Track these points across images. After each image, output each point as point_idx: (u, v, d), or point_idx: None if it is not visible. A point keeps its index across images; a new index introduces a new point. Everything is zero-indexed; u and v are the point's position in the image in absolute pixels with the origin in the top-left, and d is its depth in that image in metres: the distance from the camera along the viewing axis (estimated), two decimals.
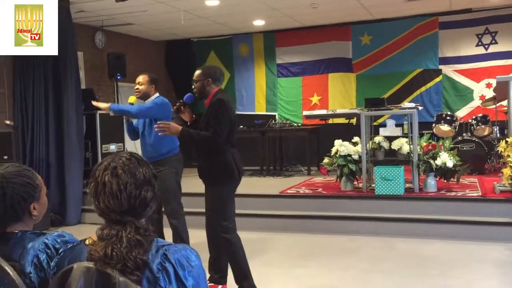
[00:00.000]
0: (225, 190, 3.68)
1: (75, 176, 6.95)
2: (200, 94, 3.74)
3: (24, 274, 1.50)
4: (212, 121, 3.55)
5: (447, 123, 7.56)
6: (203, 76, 3.71)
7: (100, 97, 8.41)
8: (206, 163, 3.69)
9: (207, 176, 3.71)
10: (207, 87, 3.71)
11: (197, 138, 3.61)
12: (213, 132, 3.53)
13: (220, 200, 3.66)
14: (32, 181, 1.64)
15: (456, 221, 5.37)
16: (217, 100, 3.63)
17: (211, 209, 3.71)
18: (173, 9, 7.49)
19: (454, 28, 8.70)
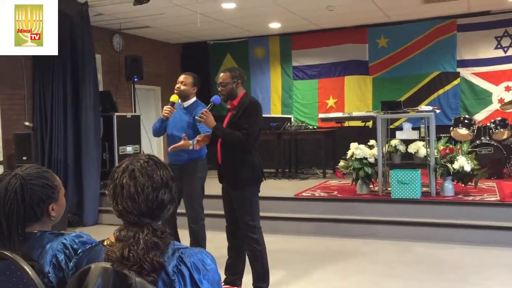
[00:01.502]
0: (252, 192, 3.71)
1: (93, 177, 7.03)
2: (228, 96, 3.72)
3: (43, 274, 1.52)
4: (246, 123, 3.55)
5: (465, 127, 7.46)
6: (232, 78, 3.69)
7: (117, 99, 8.51)
8: (233, 165, 3.68)
9: (233, 178, 3.69)
10: (236, 89, 3.71)
11: (229, 136, 3.59)
12: (246, 134, 3.54)
13: (249, 201, 3.68)
14: (51, 183, 1.67)
15: (474, 225, 5.30)
16: (252, 103, 3.65)
17: (239, 211, 3.71)
18: (190, 12, 7.54)
19: (473, 31, 8.60)
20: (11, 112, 6.93)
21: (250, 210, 3.68)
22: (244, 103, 3.63)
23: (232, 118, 3.66)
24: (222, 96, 3.75)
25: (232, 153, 3.67)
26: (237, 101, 3.69)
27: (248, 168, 3.67)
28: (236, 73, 3.74)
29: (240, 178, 3.66)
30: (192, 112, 4.30)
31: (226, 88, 3.70)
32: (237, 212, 3.73)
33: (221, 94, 3.75)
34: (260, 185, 3.82)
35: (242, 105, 3.63)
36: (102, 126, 7.40)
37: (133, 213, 1.44)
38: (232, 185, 3.72)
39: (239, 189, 3.69)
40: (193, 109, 4.31)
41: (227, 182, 3.77)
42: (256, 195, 3.76)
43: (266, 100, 10.21)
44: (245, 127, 3.55)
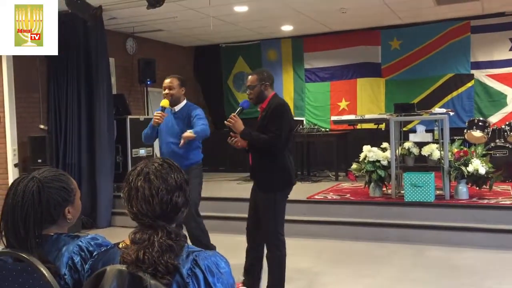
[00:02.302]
0: (279, 196, 3.66)
1: (106, 179, 7.08)
2: (257, 99, 3.69)
3: (59, 276, 1.54)
4: (273, 125, 3.53)
5: (480, 129, 7.39)
6: (260, 81, 3.66)
7: (130, 102, 8.57)
8: (263, 168, 3.66)
9: (262, 181, 3.67)
10: (264, 92, 3.68)
11: (257, 140, 3.58)
12: (272, 137, 3.51)
13: (273, 206, 3.63)
14: (67, 186, 1.69)
15: (489, 229, 5.25)
16: (279, 105, 3.62)
17: (263, 215, 3.67)
18: (202, 15, 7.57)
19: (487, 32, 8.52)
20: (26, 115, 7.01)
21: (274, 215, 3.63)
22: (271, 105, 3.60)
23: (261, 121, 3.64)
24: (251, 99, 3.72)
25: (262, 157, 3.64)
26: (266, 104, 3.66)
27: (278, 171, 3.63)
28: (263, 75, 3.70)
29: (268, 181, 3.63)
30: (185, 116, 4.24)
31: (254, 91, 3.67)
32: (261, 216, 3.68)
33: (249, 98, 3.72)
34: (290, 189, 3.77)
35: (269, 107, 3.61)
36: (115, 129, 7.46)
37: (148, 215, 1.45)
38: (260, 187, 3.69)
39: (266, 192, 3.64)
40: (185, 113, 4.26)
41: (256, 184, 3.75)
42: (283, 200, 3.70)
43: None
44: (272, 129, 3.52)
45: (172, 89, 4.26)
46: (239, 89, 10.61)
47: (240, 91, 10.60)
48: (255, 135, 3.58)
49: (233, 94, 10.69)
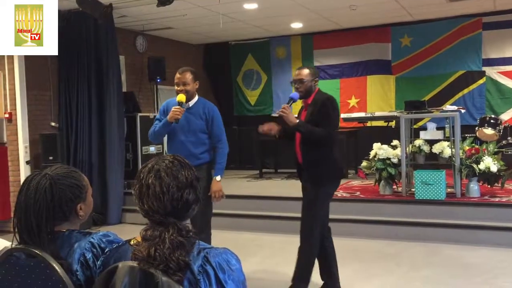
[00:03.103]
0: (330, 189, 3.70)
1: (117, 177, 7.13)
2: (306, 93, 3.70)
3: (71, 272, 1.55)
4: (326, 118, 3.55)
5: (491, 127, 7.31)
6: (312, 76, 3.70)
7: (140, 100, 8.61)
8: (315, 163, 3.64)
9: (314, 175, 3.65)
10: (313, 87, 3.71)
11: (311, 132, 3.55)
12: (327, 130, 3.53)
13: (317, 201, 3.65)
14: (79, 183, 1.70)
15: (501, 227, 5.21)
16: (329, 99, 3.64)
17: (306, 206, 3.66)
18: (212, 13, 7.57)
19: (499, 29, 8.42)
20: (37, 112, 7.07)
21: (314, 210, 3.64)
22: (320, 100, 3.62)
23: (310, 115, 3.62)
24: (300, 93, 3.70)
25: (313, 151, 3.63)
26: (311, 99, 3.68)
27: (329, 165, 3.65)
28: (314, 71, 3.76)
29: (320, 175, 3.63)
30: (201, 113, 3.96)
31: (305, 85, 3.67)
32: (302, 205, 3.68)
33: (299, 91, 3.70)
34: (339, 182, 3.79)
35: (318, 102, 3.61)
36: (125, 127, 7.50)
37: (159, 212, 1.46)
38: (312, 182, 3.66)
39: (318, 187, 3.63)
40: (200, 109, 3.97)
41: (307, 180, 3.71)
42: (330, 195, 3.73)
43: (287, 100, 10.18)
44: (325, 122, 3.53)
45: (187, 84, 3.91)
46: (249, 87, 10.61)
47: (250, 89, 10.60)
48: (311, 127, 3.55)
49: (243, 91, 10.69)
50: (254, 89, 10.55)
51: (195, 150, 3.93)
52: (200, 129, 3.94)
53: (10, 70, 6.71)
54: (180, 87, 3.90)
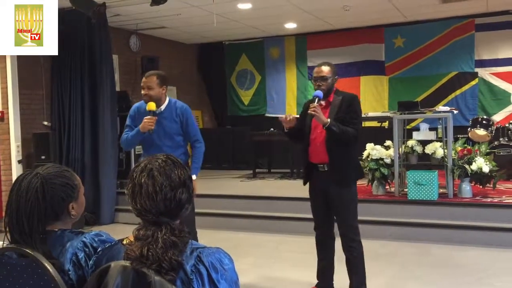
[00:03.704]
0: (355, 191, 3.63)
1: (109, 176, 7.10)
2: (328, 90, 3.58)
3: (63, 272, 1.54)
4: (354, 117, 3.49)
5: (483, 127, 7.36)
6: (334, 73, 3.62)
7: (134, 99, 8.57)
8: (342, 163, 3.53)
9: (341, 176, 3.54)
10: (334, 83, 3.64)
11: (343, 132, 3.43)
12: (358, 129, 3.49)
13: (354, 200, 3.60)
14: (71, 182, 1.69)
15: (492, 228, 5.24)
16: (356, 97, 3.60)
17: (343, 211, 3.59)
18: (206, 12, 7.57)
19: (491, 30, 8.49)
20: (30, 111, 7.03)
21: (353, 209, 3.59)
22: (345, 98, 3.55)
23: (334, 114, 3.50)
24: (322, 90, 3.56)
25: (341, 151, 3.52)
26: (332, 97, 3.59)
27: (355, 165, 3.64)
28: (335, 68, 3.65)
29: (347, 176, 3.56)
30: (174, 115, 3.85)
31: (328, 82, 3.55)
32: (339, 212, 3.60)
33: (321, 89, 3.56)
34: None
35: (342, 100, 3.53)
36: (118, 126, 7.47)
37: (152, 212, 1.45)
38: (340, 183, 3.54)
39: (345, 187, 3.55)
40: (173, 112, 3.86)
41: (332, 181, 3.54)
42: (357, 194, 3.67)
43: (281, 100, 10.22)
44: (354, 122, 3.47)
45: (151, 89, 3.73)
46: (242, 87, 10.62)
47: (243, 89, 10.61)
48: (342, 126, 3.44)
49: (236, 91, 10.69)
50: (247, 89, 10.56)
51: (175, 152, 3.78)
52: (175, 132, 3.87)
53: (3, 68, 6.67)
54: (145, 91, 3.76)
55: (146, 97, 3.75)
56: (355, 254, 3.60)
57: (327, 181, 3.58)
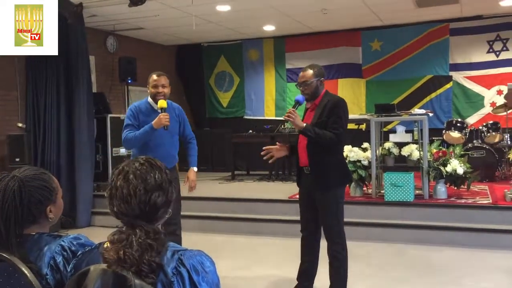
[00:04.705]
0: (340, 194, 3.61)
1: (86, 178, 7.01)
2: (312, 95, 3.59)
3: (41, 276, 1.52)
4: (336, 121, 3.46)
5: (458, 130, 7.51)
6: (317, 76, 3.58)
7: (111, 100, 8.48)
8: (323, 167, 3.54)
9: (322, 180, 3.54)
10: (319, 87, 3.61)
11: (322, 136, 3.44)
12: (338, 133, 3.45)
13: (335, 204, 3.57)
14: (49, 184, 1.67)
15: (467, 228, 5.34)
16: (340, 101, 3.56)
17: (325, 215, 3.59)
18: (185, 14, 7.54)
19: (465, 35, 8.68)
20: (4, 113, 6.90)
21: (336, 214, 3.57)
22: (330, 102, 3.52)
23: (317, 117, 3.53)
24: (306, 95, 3.60)
25: (322, 154, 3.53)
26: (319, 100, 3.59)
27: (338, 169, 3.59)
28: (318, 71, 3.62)
29: (329, 180, 3.54)
30: (173, 115, 4.00)
31: (310, 86, 3.56)
32: (322, 215, 3.61)
33: (305, 94, 3.60)
34: (345, 187, 3.74)
35: (326, 104, 3.52)
36: (95, 128, 7.38)
37: (128, 215, 1.45)
38: (321, 187, 3.56)
39: (327, 190, 3.55)
40: (172, 111, 4.03)
41: (314, 184, 3.58)
42: (343, 198, 3.64)
43: (260, 102, 10.24)
44: (334, 126, 3.44)
45: (165, 87, 3.97)
46: (221, 89, 10.61)
47: (222, 91, 10.59)
48: (318, 130, 3.44)
49: (215, 93, 10.67)
50: (226, 91, 10.55)
51: (173, 151, 4.06)
52: (175, 131, 4.08)
53: None
54: (160, 89, 3.91)
55: (161, 95, 3.90)
56: (338, 257, 3.62)
57: (311, 184, 3.62)
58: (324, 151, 3.52)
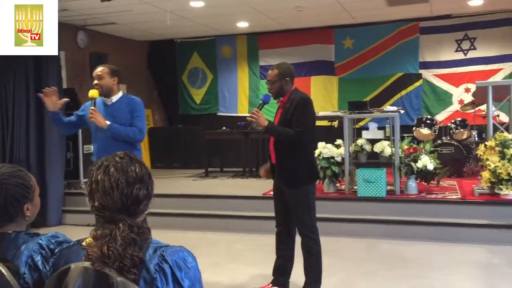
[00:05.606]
0: (309, 190, 3.65)
1: (56, 177, 6.87)
2: (277, 94, 3.65)
3: (18, 275, 1.50)
4: (298, 119, 3.50)
5: (427, 127, 7.68)
6: (281, 76, 3.62)
7: (82, 97, 8.33)
8: (289, 164, 3.60)
9: (290, 177, 3.61)
10: (285, 87, 3.64)
11: (284, 134, 3.51)
12: (300, 131, 3.48)
13: (306, 200, 3.61)
14: (26, 182, 1.64)
15: (437, 223, 5.47)
16: (303, 99, 3.59)
17: (296, 210, 3.64)
18: (158, 9, 7.46)
19: (435, 34, 8.87)
20: None
21: (307, 209, 3.62)
22: (295, 100, 3.56)
23: (284, 115, 3.59)
24: (271, 93, 3.68)
25: (288, 152, 3.59)
26: (286, 98, 3.63)
27: (304, 166, 3.62)
28: (285, 70, 3.66)
29: (296, 176, 3.59)
30: (127, 108, 3.83)
31: (275, 85, 3.62)
32: (294, 211, 3.66)
33: (270, 92, 3.67)
34: (315, 185, 3.78)
35: (292, 102, 3.56)
36: None
37: (109, 208, 1.44)
38: (289, 184, 3.63)
39: (296, 187, 3.61)
40: (125, 105, 3.85)
41: (282, 181, 3.67)
42: (313, 193, 3.69)
43: (233, 99, 10.24)
44: (298, 123, 3.49)
45: (101, 78, 3.78)
46: (194, 85, 10.55)
47: (195, 87, 10.54)
48: (281, 129, 3.52)
49: (188, 89, 10.61)
50: (199, 88, 10.50)
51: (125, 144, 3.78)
52: (126, 124, 3.83)
53: None
54: (95, 82, 3.82)
55: (97, 87, 3.79)
56: (311, 252, 3.68)
57: (281, 181, 3.69)
58: (292, 149, 3.58)
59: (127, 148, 3.71)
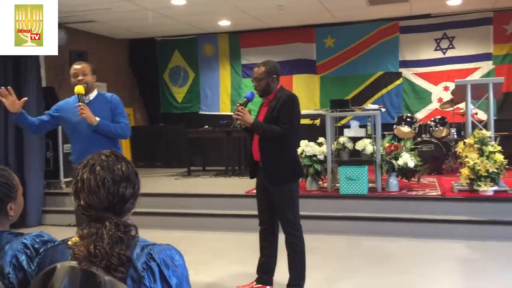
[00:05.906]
0: (293, 188, 3.66)
1: (36, 176, 6.77)
2: (264, 91, 3.65)
3: (3, 275, 1.47)
4: (286, 117, 3.50)
5: (408, 125, 7.79)
6: (267, 73, 3.62)
7: (61, 95, 8.21)
8: (274, 161, 3.60)
9: (274, 174, 3.61)
10: (271, 84, 3.64)
11: (270, 132, 3.51)
12: (287, 128, 3.49)
13: (290, 197, 3.62)
14: (9, 181, 1.62)
15: (418, 219, 5.55)
16: (290, 97, 3.60)
17: (280, 208, 3.65)
18: (138, 7, 7.40)
19: (414, 33, 8.99)
20: None
21: (291, 206, 3.64)
22: (281, 98, 3.57)
23: (270, 113, 3.59)
24: (257, 91, 3.68)
25: (272, 149, 3.59)
26: (272, 96, 3.64)
27: (289, 163, 3.63)
28: (271, 68, 3.67)
29: (281, 174, 3.60)
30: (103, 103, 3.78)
31: (261, 83, 3.63)
32: (278, 209, 3.67)
33: (257, 89, 3.68)
34: (299, 182, 3.79)
35: (278, 100, 3.57)
36: None
37: (95, 207, 1.43)
38: (273, 181, 3.63)
39: (280, 185, 3.62)
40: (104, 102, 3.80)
41: (267, 179, 3.66)
42: (297, 191, 3.70)
43: (215, 97, 10.21)
44: (284, 121, 3.50)
45: (86, 75, 3.75)
46: (176, 84, 10.49)
47: (177, 86, 10.48)
48: (267, 126, 3.52)
49: (169, 88, 10.55)
50: (181, 86, 10.45)
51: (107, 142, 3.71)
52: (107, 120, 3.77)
53: None
54: (80, 77, 3.73)
55: (82, 83, 3.71)
56: (295, 249, 3.70)
57: (265, 178, 3.70)
58: (275, 146, 3.60)
59: (108, 146, 3.64)
